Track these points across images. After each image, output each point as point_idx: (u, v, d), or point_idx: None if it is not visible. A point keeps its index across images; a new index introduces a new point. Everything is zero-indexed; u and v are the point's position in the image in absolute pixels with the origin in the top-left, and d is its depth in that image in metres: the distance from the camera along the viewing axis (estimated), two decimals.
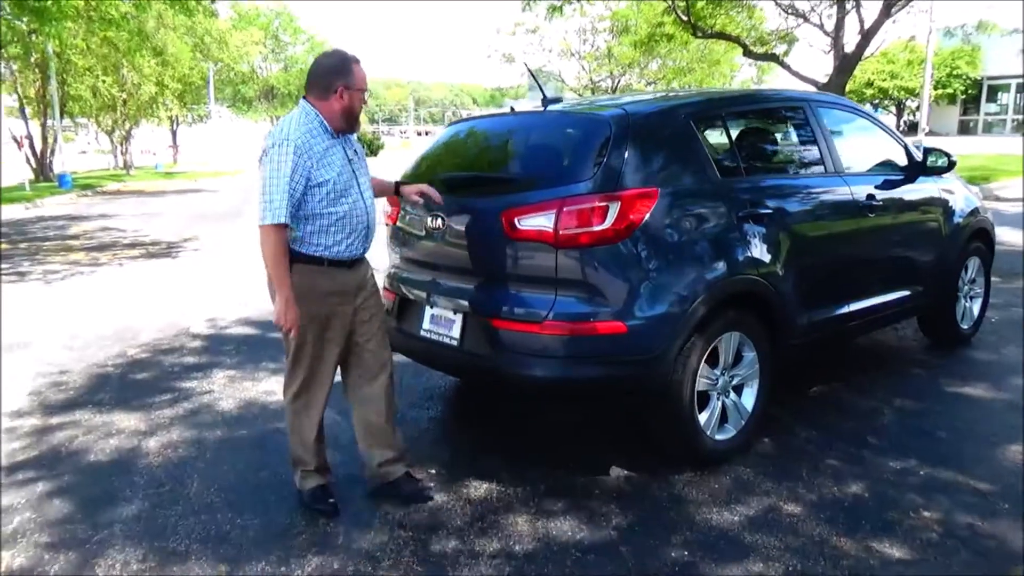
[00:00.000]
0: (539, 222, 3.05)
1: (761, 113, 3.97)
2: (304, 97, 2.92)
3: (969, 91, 36.82)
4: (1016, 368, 4.61)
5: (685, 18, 13.12)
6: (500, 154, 3.63)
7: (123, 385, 4.64)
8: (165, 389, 4.54)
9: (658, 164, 3.25)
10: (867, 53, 12.34)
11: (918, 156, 4.59)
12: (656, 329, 3.08)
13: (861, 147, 4.32)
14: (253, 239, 2.87)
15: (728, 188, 3.43)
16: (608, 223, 2.99)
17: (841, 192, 3.97)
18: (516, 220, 3.10)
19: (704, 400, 3.35)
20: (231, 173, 29.71)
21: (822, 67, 15.91)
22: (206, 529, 2.94)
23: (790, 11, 14.36)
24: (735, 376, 3.48)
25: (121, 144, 31.77)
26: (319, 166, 2.79)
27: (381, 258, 4.00)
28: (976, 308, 5.22)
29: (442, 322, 3.45)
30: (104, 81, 24.79)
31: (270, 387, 4.53)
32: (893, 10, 11.51)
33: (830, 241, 3.92)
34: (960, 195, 4.87)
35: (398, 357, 4.43)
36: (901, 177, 4.44)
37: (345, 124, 2.91)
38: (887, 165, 4.49)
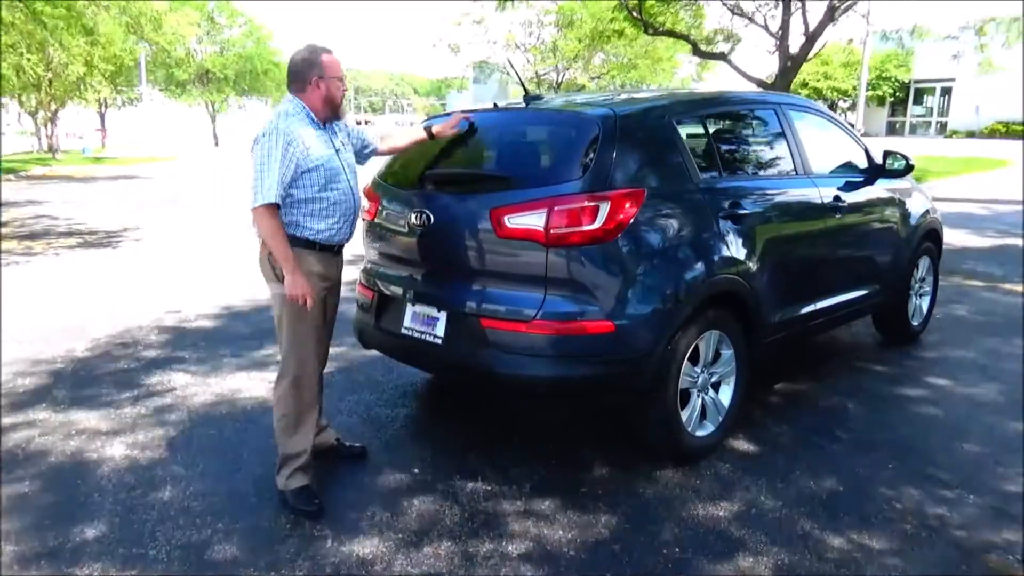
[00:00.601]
0: (529, 220, 3.04)
1: (736, 114, 4.04)
2: (289, 92, 3.09)
3: (897, 94, 38.39)
4: (963, 363, 4.83)
5: (637, 15, 13.29)
6: (486, 151, 3.59)
7: (79, 383, 4.44)
8: (125, 387, 4.36)
9: (644, 164, 3.27)
10: (810, 55, 12.72)
11: (877, 159, 4.75)
12: (644, 328, 3.11)
13: (825, 149, 4.44)
14: (198, 229, 2.87)
15: (708, 188, 3.48)
16: (599, 223, 3.00)
17: (810, 193, 4.08)
18: (505, 218, 3.08)
19: (685, 398, 3.40)
20: (166, 159, 28.74)
21: (764, 67, 16.31)
22: (186, 536, 2.84)
23: (735, 11, 14.64)
24: (714, 374, 3.54)
25: (46, 126, 30.30)
26: (308, 153, 2.94)
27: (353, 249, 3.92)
28: (925, 305, 5.44)
29: (425, 320, 3.41)
30: (29, 59, 23.53)
31: (236, 384, 4.41)
32: (836, 13, 11.89)
33: (800, 241, 4.03)
34: (915, 197, 5.06)
35: (366, 353, 4.40)
36: (862, 179, 4.59)
37: (329, 112, 3.09)
38: (849, 167, 4.63)
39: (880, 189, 4.68)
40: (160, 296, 6.57)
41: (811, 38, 12.22)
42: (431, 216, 3.32)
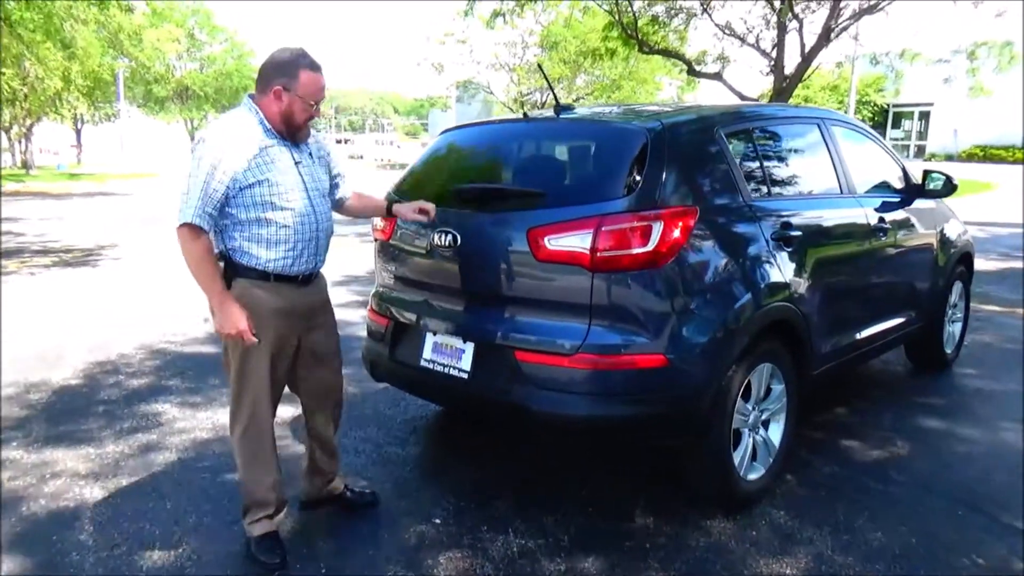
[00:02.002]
0: (572, 242, 2.72)
1: (781, 128, 3.75)
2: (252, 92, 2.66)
3: (876, 118, 38.80)
4: (1005, 395, 4.56)
5: (631, 34, 13.13)
6: (519, 165, 3.27)
7: (55, 416, 4.02)
8: (106, 421, 3.95)
9: (695, 180, 2.97)
10: (805, 75, 12.63)
11: (915, 177, 4.50)
12: (699, 362, 2.79)
13: (866, 166, 4.18)
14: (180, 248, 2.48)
15: (759, 208, 3.18)
16: (651, 245, 2.68)
17: (856, 214, 3.80)
18: (545, 239, 2.76)
19: (736, 438, 3.08)
20: (145, 176, 28.18)
21: (754, 87, 16.24)
22: None
23: (727, 31, 14.54)
24: (765, 410, 3.23)
25: (20, 141, 29.65)
26: (251, 166, 2.48)
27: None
28: (957, 332, 5.19)
29: (448, 352, 3.06)
30: (3, 73, 22.97)
31: (227, 419, 4.00)
32: (832, 34, 11.80)
33: (847, 265, 3.75)
34: (951, 218, 4.82)
35: (371, 384, 4.04)
36: (901, 199, 4.33)
37: (284, 129, 2.59)
38: (888, 186, 4.38)
39: (919, 210, 4.42)
40: (143, 319, 6.15)
41: (807, 58, 12.11)
42: (457, 236, 2.99)
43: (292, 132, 2.60)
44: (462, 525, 2.98)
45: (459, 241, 2.98)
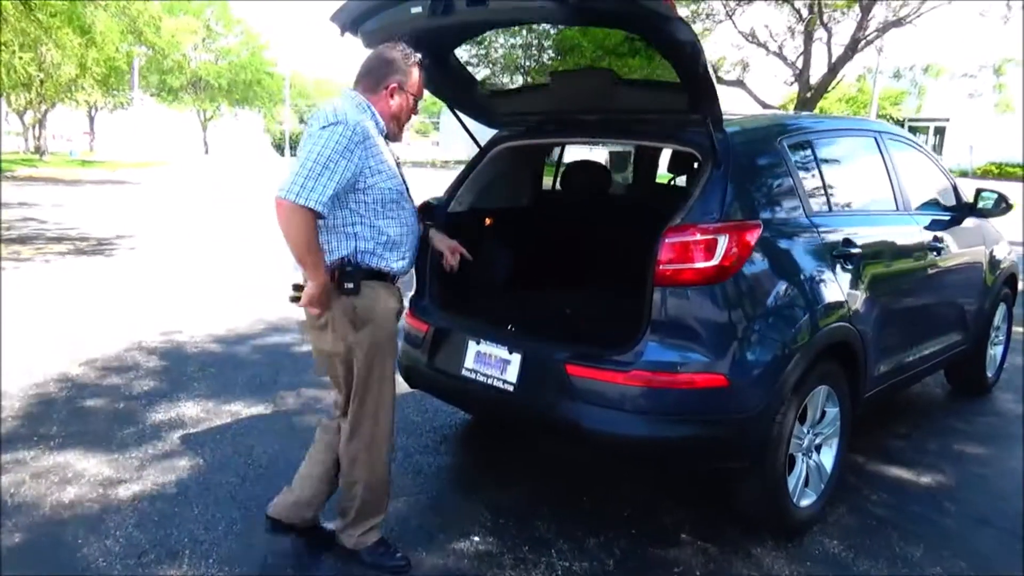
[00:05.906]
0: None
1: (840, 141, 3.61)
2: (353, 89, 2.51)
3: None
4: None
5: None
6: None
7: (74, 415, 3.89)
8: (126, 421, 3.83)
9: (759, 192, 2.85)
10: (831, 86, 12.50)
11: (965, 195, 4.37)
12: (760, 383, 2.66)
13: (920, 182, 4.04)
14: (194, 238, 2.33)
15: (821, 223, 3.05)
16: (716, 259, 2.55)
17: (912, 231, 3.68)
18: None
19: (790, 463, 2.94)
20: (155, 164, 28.14)
21: (773, 96, 16.06)
22: None
23: (751, 39, 14.42)
24: (819, 434, 3.09)
25: (34, 127, 29.64)
26: (383, 160, 2.42)
27: None
28: (998, 355, 5.04)
29: (492, 362, 2.93)
30: (21, 58, 22.91)
31: (254, 420, 3.90)
32: (860, 45, 11.67)
33: (902, 284, 3.61)
34: (999, 238, 4.68)
35: (398, 390, 3.90)
36: (952, 216, 4.19)
37: (393, 129, 2.54)
38: (939, 203, 4.24)
39: (969, 229, 4.28)
40: (161, 311, 6.04)
41: (833, 69, 11.98)
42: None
43: (397, 133, 2.57)
44: (502, 544, 2.85)
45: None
